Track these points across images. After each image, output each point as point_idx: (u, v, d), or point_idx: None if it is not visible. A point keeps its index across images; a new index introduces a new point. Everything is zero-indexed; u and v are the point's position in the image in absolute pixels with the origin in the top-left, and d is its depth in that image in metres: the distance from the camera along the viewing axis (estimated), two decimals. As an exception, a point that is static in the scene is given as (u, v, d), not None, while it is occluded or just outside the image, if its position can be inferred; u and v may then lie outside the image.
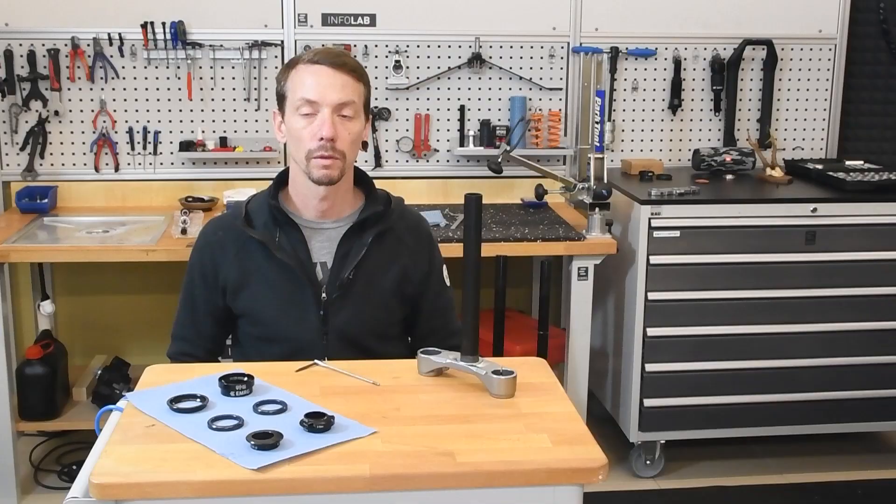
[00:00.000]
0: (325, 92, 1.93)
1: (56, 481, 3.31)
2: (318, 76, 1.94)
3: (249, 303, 2.04)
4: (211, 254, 2.06)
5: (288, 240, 2.03)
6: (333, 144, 1.94)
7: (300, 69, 1.96)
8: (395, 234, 2.08)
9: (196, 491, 1.39)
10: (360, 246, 2.03)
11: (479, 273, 1.74)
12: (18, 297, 3.63)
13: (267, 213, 2.04)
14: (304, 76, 1.95)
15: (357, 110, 1.98)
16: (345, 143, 1.96)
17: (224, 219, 2.12)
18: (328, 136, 1.93)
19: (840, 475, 3.40)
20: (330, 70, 1.94)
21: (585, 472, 1.47)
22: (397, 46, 3.60)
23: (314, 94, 1.93)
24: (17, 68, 3.45)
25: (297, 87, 1.96)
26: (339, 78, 1.95)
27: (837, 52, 3.83)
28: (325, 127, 1.93)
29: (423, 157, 3.69)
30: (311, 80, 1.94)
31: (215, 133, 3.59)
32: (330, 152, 1.94)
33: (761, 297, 3.25)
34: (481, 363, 1.75)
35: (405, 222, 2.11)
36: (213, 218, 2.17)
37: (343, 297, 2.02)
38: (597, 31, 3.68)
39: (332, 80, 1.94)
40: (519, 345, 3.37)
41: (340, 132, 1.95)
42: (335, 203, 2.05)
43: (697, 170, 3.69)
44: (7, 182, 3.54)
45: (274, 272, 2.02)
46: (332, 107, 1.94)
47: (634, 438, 3.32)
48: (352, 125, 1.98)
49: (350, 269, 2.01)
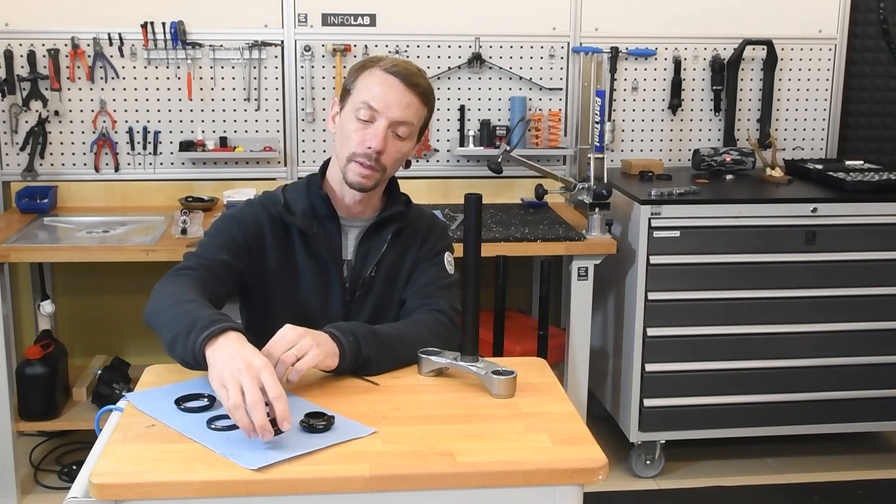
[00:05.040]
0: (389, 105, 1.92)
1: (56, 481, 3.31)
2: (389, 87, 1.93)
3: (277, 288, 2.01)
4: (256, 222, 2.00)
5: (326, 233, 2.02)
6: (379, 157, 1.94)
7: (375, 73, 1.95)
8: (412, 229, 2.09)
9: (196, 491, 1.39)
10: (379, 243, 2.03)
11: (479, 273, 1.75)
12: (18, 297, 3.63)
13: (307, 202, 2.02)
14: (376, 82, 1.94)
15: (412, 133, 1.98)
16: (390, 159, 1.96)
17: (266, 202, 2.06)
18: (377, 148, 1.93)
19: (840, 475, 3.40)
20: (402, 86, 1.93)
21: (585, 472, 1.47)
22: (397, 46, 3.60)
23: (378, 104, 1.92)
24: (17, 68, 3.45)
25: (364, 90, 1.94)
26: (407, 96, 1.93)
27: (837, 52, 3.84)
28: (377, 139, 1.92)
29: (423, 156, 3.69)
30: (381, 89, 1.93)
31: (215, 133, 3.59)
32: (372, 163, 1.94)
33: (761, 297, 3.25)
34: (481, 363, 1.75)
35: (421, 218, 2.13)
36: (251, 199, 2.12)
37: (365, 295, 2.03)
38: (597, 31, 3.68)
39: (400, 95, 1.93)
40: (519, 345, 3.37)
41: (389, 148, 1.94)
42: (368, 206, 2.06)
43: (697, 170, 3.69)
44: (7, 182, 3.54)
45: (309, 263, 2.00)
46: (391, 121, 1.93)
47: (634, 438, 3.32)
48: (402, 145, 1.97)
49: (371, 267, 2.02)
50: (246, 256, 1.98)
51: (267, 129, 3.61)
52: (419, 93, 1.95)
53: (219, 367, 1.54)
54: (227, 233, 1.99)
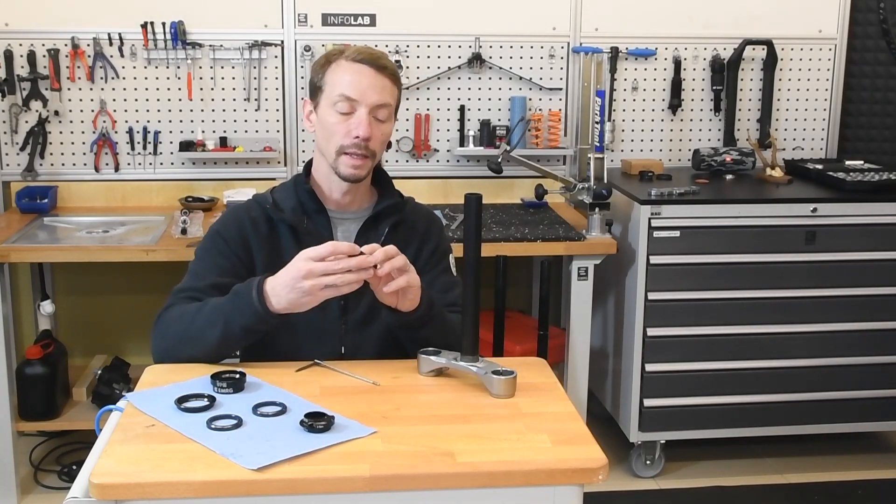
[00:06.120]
0: (365, 92, 1.96)
1: (56, 481, 3.30)
2: (361, 75, 1.96)
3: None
4: (240, 227, 2.02)
5: (316, 227, 2.04)
6: (367, 144, 1.97)
7: (342, 65, 1.98)
8: (409, 224, 2.11)
9: (196, 491, 1.39)
10: (377, 236, 2.05)
11: (479, 273, 1.75)
12: (18, 297, 3.63)
13: (295, 200, 2.04)
14: (346, 73, 1.97)
15: (391, 114, 2.02)
16: (377, 143, 2.00)
17: (251, 203, 2.09)
18: (364, 135, 1.96)
19: (840, 475, 3.40)
20: (372, 71, 1.97)
21: (585, 472, 1.47)
22: (397, 46, 3.60)
23: (355, 93, 1.95)
24: (17, 68, 3.45)
25: (337, 83, 1.97)
26: (379, 80, 1.97)
27: (837, 52, 3.83)
28: (362, 127, 1.95)
29: (423, 157, 3.69)
30: (354, 77, 1.96)
31: (215, 133, 3.59)
32: (363, 151, 1.98)
33: (761, 297, 3.25)
34: (481, 363, 1.75)
35: (417, 214, 2.15)
36: (238, 203, 2.14)
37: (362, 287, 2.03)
38: (597, 31, 3.68)
39: (373, 81, 1.96)
40: (519, 345, 3.37)
41: (374, 133, 1.98)
42: (356, 197, 2.08)
43: (697, 170, 3.69)
44: (7, 182, 3.54)
45: None
46: (371, 107, 1.96)
47: (634, 438, 3.32)
48: (385, 127, 2.01)
49: None
50: (238, 266, 2.01)
51: (267, 129, 3.61)
52: (389, 74, 1.99)
53: (293, 292, 1.76)
54: (213, 249, 2.02)
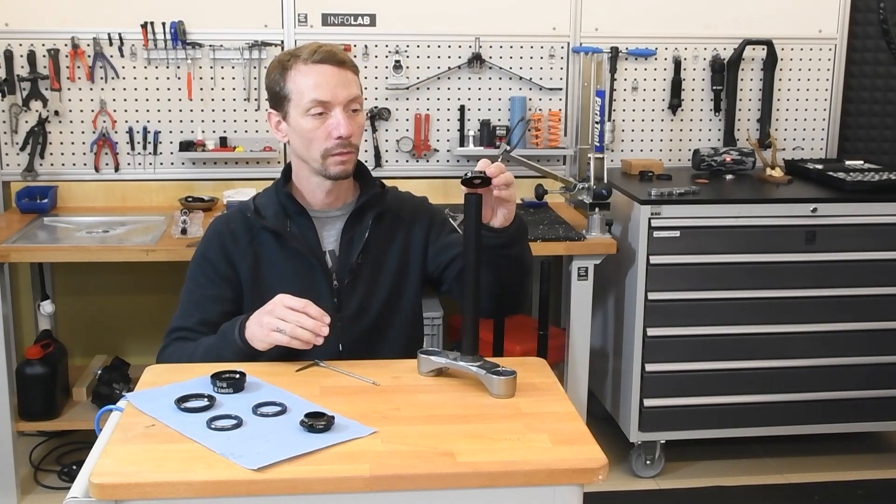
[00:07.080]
0: (335, 91, 1.95)
1: (56, 481, 3.31)
2: (325, 76, 1.95)
3: (263, 292, 2.03)
4: (221, 245, 2.04)
5: (299, 229, 2.04)
6: (350, 140, 1.98)
7: (302, 69, 1.96)
8: (393, 213, 2.11)
9: (196, 491, 1.39)
10: (362, 230, 2.05)
11: (479, 273, 1.75)
12: (18, 297, 3.63)
13: (276, 204, 2.05)
14: (309, 77, 1.95)
15: (361, 102, 2.03)
16: (357, 136, 2.01)
17: (232, 213, 2.11)
18: (346, 134, 1.96)
19: (840, 475, 3.40)
20: (334, 69, 1.96)
21: (585, 472, 1.47)
22: (397, 46, 3.60)
23: (326, 95, 1.95)
24: (17, 68, 3.45)
25: (304, 89, 1.96)
26: (343, 75, 1.97)
27: (837, 52, 3.83)
28: (342, 126, 1.96)
29: (423, 157, 3.69)
30: (318, 80, 1.95)
31: (215, 133, 3.59)
32: (348, 148, 1.99)
33: (761, 297, 3.25)
34: (481, 363, 1.75)
35: (400, 202, 2.15)
36: (220, 214, 2.17)
37: (354, 282, 2.04)
38: (597, 31, 3.68)
39: (338, 78, 1.96)
40: (519, 345, 3.37)
41: (354, 127, 1.99)
42: (340, 194, 2.08)
43: (697, 170, 3.69)
44: (7, 182, 3.54)
45: (287, 262, 2.02)
46: (343, 104, 1.96)
47: (634, 438, 3.32)
48: (359, 118, 2.02)
49: (357, 253, 2.03)
50: (225, 288, 2.03)
51: (267, 129, 3.61)
52: (349, 67, 2.00)
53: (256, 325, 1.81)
54: (201, 278, 2.04)
